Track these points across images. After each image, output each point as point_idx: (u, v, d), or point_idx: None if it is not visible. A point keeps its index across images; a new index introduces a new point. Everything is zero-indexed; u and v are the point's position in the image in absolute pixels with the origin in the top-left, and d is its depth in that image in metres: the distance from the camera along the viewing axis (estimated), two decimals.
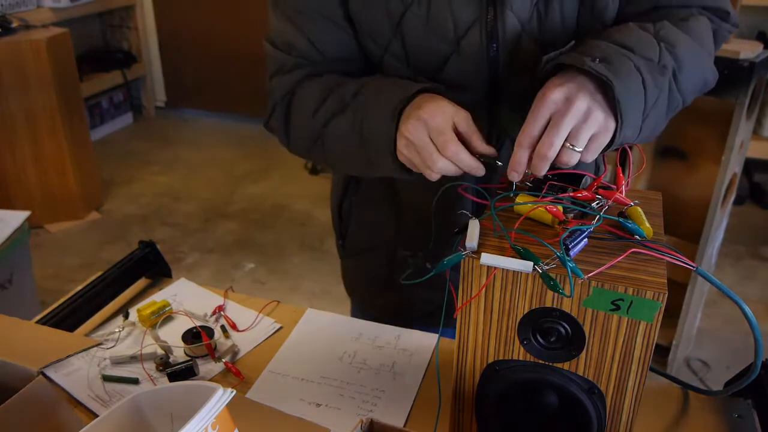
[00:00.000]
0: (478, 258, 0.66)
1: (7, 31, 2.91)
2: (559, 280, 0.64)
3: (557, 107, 0.73)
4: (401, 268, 1.07)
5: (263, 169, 3.69)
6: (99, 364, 0.94)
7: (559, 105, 0.73)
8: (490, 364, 0.72)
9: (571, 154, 0.73)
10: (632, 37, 0.79)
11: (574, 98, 0.72)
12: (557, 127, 0.72)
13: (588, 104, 0.72)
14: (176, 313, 1.05)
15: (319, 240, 3.09)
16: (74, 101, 3.11)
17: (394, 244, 1.07)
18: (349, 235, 1.13)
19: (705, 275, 0.68)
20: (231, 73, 4.21)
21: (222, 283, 1.50)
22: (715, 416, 0.85)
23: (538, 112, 0.73)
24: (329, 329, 1.03)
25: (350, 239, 1.14)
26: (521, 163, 0.74)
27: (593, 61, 0.74)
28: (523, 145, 0.74)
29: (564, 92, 0.73)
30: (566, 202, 0.73)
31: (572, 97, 0.72)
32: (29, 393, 0.76)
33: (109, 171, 3.69)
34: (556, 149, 0.72)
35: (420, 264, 1.03)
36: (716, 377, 2.25)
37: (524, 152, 0.74)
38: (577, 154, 0.73)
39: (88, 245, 3.05)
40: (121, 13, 4.32)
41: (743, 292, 2.68)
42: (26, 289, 2.16)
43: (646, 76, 0.76)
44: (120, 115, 4.40)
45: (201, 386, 0.67)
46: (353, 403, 0.88)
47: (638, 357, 0.67)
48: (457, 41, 0.87)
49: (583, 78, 0.74)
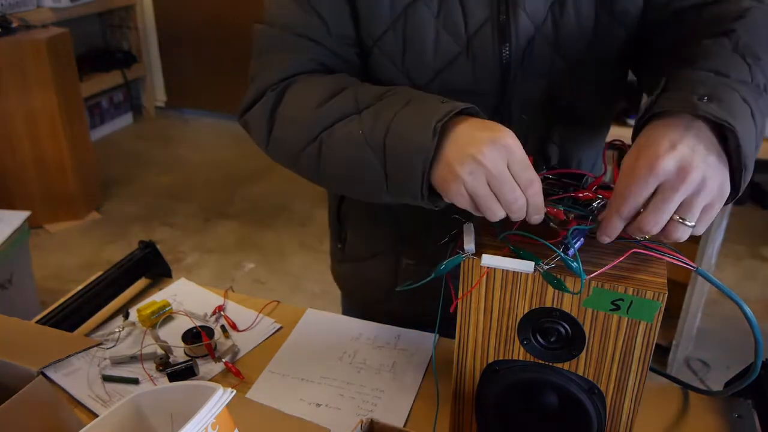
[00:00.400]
0: (478, 259, 0.66)
1: (7, 31, 2.91)
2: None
3: (667, 178, 0.62)
4: (404, 276, 1.03)
5: (263, 169, 3.70)
6: (99, 364, 0.94)
7: (670, 176, 0.62)
8: (490, 364, 0.72)
9: (682, 230, 0.64)
10: (720, 60, 0.70)
11: (688, 168, 0.61)
12: (666, 204, 0.62)
13: (704, 173, 0.62)
14: (176, 313, 1.05)
15: (319, 240, 3.09)
16: (74, 101, 3.11)
17: (396, 251, 1.03)
18: (349, 240, 1.09)
19: (705, 275, 0.68)
20: (231, 73, 4.21)
21: (222, 283, 1.50)
22: (715, 416, 0.85)
23: (645, 183, 0.63)
24: (329, 329, 1.03)
25: (350, 244, 1.09)
26: (615, 232, 0.66)
27: (701, 100, 0.64)
28: (623, 216, 0.64)
29: (677, 160, 0.62)
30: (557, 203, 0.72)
31: (686, 167, 0.62)
32: (29, 393, 0.75)
33: (109, 171, 3.68)
34: (661, 226, 0.63)
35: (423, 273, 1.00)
36: (716, 377, 2.25)
37: (622, 223, 0.65)
38: (689, 228, 0.64)
39: (88, 245, 3.05)
40: (121, 13, 4.32)
41: (743, 292, 2.68)
42: (26, 289, 2.16)
43: (753, 105, 0.67)
44: (120, 115, 4.40)
45: (201, 386, 0.67)
46: (353, 403, 0.88)
47: (638, 357, 0.67)
48: (468, 40, 0.83)
49: (695, 125, 0.64)
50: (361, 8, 0.83)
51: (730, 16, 0.79)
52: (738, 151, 0.64)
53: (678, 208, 0.63)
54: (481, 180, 0.66)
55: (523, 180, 0.66)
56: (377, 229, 1.04)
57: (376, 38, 0.85)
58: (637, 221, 0.64)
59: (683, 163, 0.62)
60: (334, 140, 0.77)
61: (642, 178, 0.63)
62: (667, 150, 0.62)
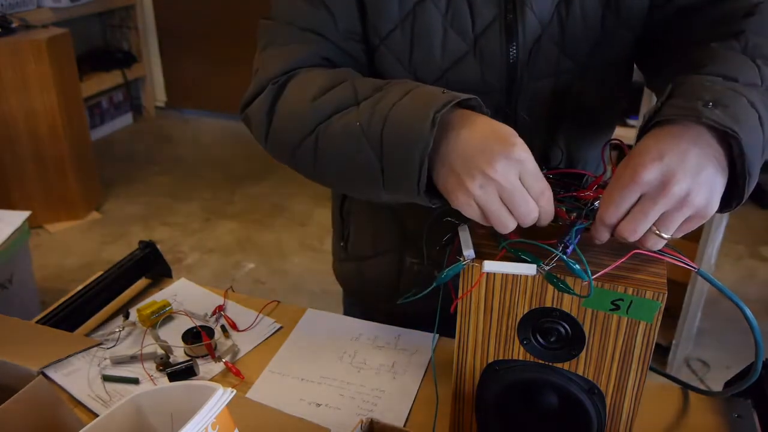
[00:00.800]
0: (479, 265, 0.66)
1: (7, 31, 2.91)
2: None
3: (650, 189, 0.62)
4: (408, 275, 1.03)
5: (263, 169, 3.70)
6: (99, 364, 0.94)
7: (651, 187, 0.62)
8: (490, 364, 0.72)
9: (655, 241, 0.64)
10: (729, 64, 0.69)
11: (671, 181, 0.61)
12: (645, 214, 0.62)
13: (688, 187, 0.61)
14: (176, 313, 1.05)
15: (319, 240, 3.09)
16: (74, 101, 3.11)
17: (400, 250, 1.03)
18: (352, 239, 1.09)
19: (706, 276, 0.68)
20: (231, 73, 4.21)
21: (222, 283, 1.50)
22: (715, 416, 0.85)
23: (628, 192, 0.63)
24: (329, 329, 1.03)
25: (353, 243, 1.09)
26: (603, 236, 0.66)
27: (706, 106, 0.63)
28: (607, 223, 0.65)
29: (661, 171, 0.61)
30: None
31: (670, 179, 0.61)
32: (29, 393, 0.75)
33: (109, 171, 3.68)
34: (639, 235, 0.64)
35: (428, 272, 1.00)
36: (716, 377, 2.25)
37: (607, 231, 0.66)
38: (663, 240, 0.64)
39: (88, 245, 3.05)
40: (121, 13, 4.32)
41: (743, 291, 2.68)
42: (26, 289, 2.16)
43: (761, 109, 0.65)
44: (120, 115, 4.40)
45: (201, 386, 0.67)
46: (353, 403, 0.88)
47: (638, 357, 0.67)
48: (475, 39, 0.83)
49: (696, 132, 0.63)
50: (369, 5, 0.83)
51: (739, 14, 0.78)
52: (742, 158, 0.63)
53: (656, 221, 0.63)
54: (493, 194, 0.64)
55: (535, 191, 0.65)
56: (380, 228, 1.04)
57: (383, 36, 0.84)
58: (618, 229, 0.64)
59: (667, 176, 0.61)
60: (331, 133, 0.74)
61: (625, 186, 0.62)
62: (653, 160, 0.62)
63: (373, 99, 0.72)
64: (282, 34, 0.84)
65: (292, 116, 0.79)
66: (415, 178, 0.66)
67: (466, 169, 0.64)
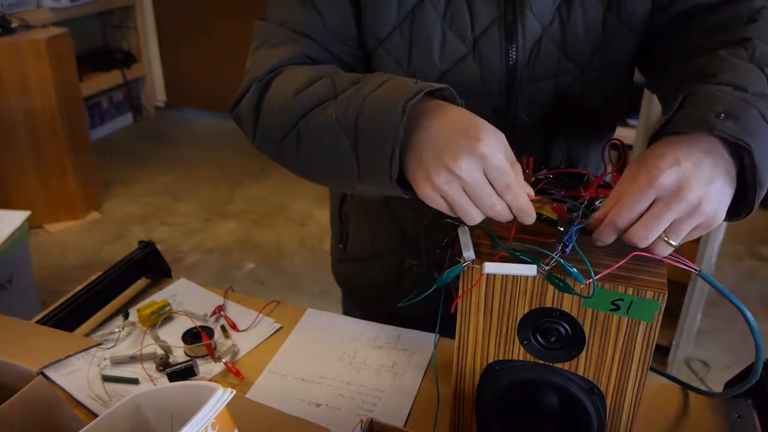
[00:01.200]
0: (479, 267, 0.66)
1: (7, 31, 2.91)
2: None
3: (664, 194, 0.62)
4: (407, 277, 1.04)
5: (263, 169, 3.70)
6: (99, 364, 0.94)
7: (666, 192, 0.62)
8: (490, 364, 0.72)
9: (664, 248, 0.64)
10: (738, 73, 0.69)
11: (685, 188, 0.61)
12: (657, 221, 0.62)
13: (701, 196, 0.61)
14: (176, 313, 1.05)
15: (319, 240, 3.09)
16: (74, 101, 3.11)
17: (398, 252, 1.03)
18: (351, 240, 1.09)
19: (707, 278, 0.68)
20: (231, 73, 4.21)
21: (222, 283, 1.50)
22: (715, 416, 0.85)
23: (643, 195, 0.62)
24: (329, 329, 1.03)
25: (352, 244, 1.09)
26: (609, 239, 0.65)
27: (718, 117, 0.63)
28: (618, 225, 0.64)
29: (677, 177, 0.61)
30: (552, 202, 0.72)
31: (684, 187, 0.61)
32: (29, 393, 0.75)
33: (109, 171, 3.68)
34: (650, 242, 0.63)
35: (428, 273, 0.99)
36: (716, 377, 2.25)
37: (614, 234, 0.65)
38: (671, 248, 0.64)
39: (88, 245, 3.05)
40: (121, 13, 4.32)
41: (742, 292, 2.68)
42: (26, 289, 2.16)
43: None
44: (120, 115, 4.40)
45: (201, 386, 0.67)
46: (353, 403, 0.88)
47: (638, 357, 0.67)
48: (474, 41, 0.83)
49: (708, 142, 0.64)
50: (367, 8, 0.83)
51: (741, 20, 0.78)
52: (753, 169, 0.63)
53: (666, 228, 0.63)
54: (457, 189, 0.64)
55: (499, 185, 0.64)
56: (379, 230, 1.04)
57: (381, 38, 0.84)
58: (627, 232, 0.64)
59: (683, 182, 0.61)
60: (310, 126, 0.74)
61: (641, 190, 0.62)
62: (671, 165, 0.62)
63: (349, 91, 0.72)
64: (274, 35, 0.85)
65: (276, 112, 0.79)
66: (387, 167, 0.66)
67: (432, 164, 0.65)
